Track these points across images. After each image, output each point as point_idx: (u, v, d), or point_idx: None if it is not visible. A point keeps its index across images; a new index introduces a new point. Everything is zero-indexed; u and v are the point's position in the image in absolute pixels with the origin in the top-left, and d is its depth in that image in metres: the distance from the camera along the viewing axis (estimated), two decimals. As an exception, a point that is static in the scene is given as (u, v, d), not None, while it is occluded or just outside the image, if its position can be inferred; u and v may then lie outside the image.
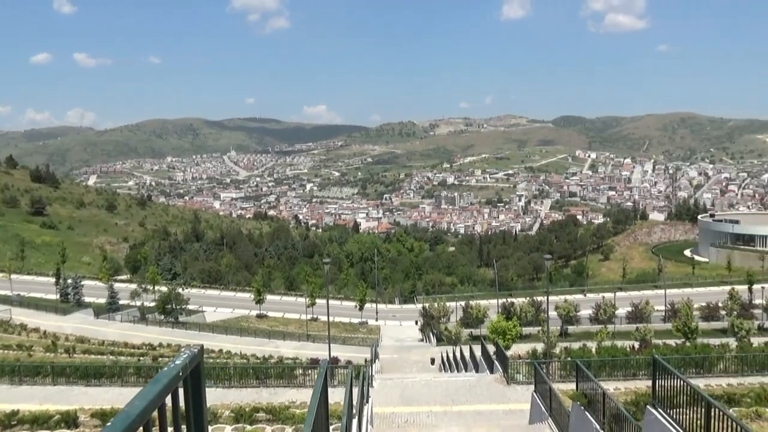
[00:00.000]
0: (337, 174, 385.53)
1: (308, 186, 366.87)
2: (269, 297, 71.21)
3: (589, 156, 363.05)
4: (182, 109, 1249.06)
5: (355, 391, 12.73)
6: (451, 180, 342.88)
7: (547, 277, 44.14)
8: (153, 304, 63.47)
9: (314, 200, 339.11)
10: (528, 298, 58.11)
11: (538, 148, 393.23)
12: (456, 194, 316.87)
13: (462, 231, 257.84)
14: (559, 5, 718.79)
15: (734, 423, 8.10)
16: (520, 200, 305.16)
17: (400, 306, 78.20)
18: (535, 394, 18.50)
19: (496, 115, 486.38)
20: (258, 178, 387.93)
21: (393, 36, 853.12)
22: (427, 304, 59.55)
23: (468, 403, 21.34)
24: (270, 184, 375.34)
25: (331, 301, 61.38)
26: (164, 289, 66.56)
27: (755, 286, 63.31)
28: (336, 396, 10.86)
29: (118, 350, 41.81)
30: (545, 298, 39.93)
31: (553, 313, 51.75)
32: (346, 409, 8.75)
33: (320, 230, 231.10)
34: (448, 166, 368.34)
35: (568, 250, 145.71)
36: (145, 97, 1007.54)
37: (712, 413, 8.45)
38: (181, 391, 1.99)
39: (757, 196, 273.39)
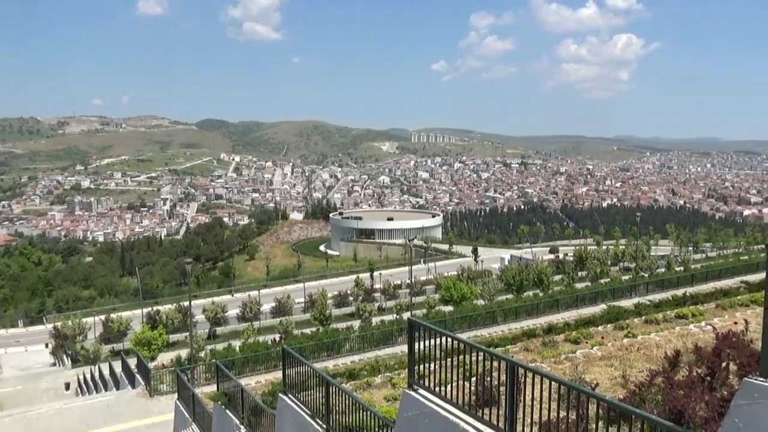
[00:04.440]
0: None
1: None
2: None
3: (233, 159, 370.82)
4: None
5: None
6: (86, 184, 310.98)
7: (190, 280, 43.60)
8: None
9: None
10: (175, 305, 56.65)
11: (182, 150, 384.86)
12: (93, 199, 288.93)
13: (101, 239, 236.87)
14: (199, 7, 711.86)
15: (347, 395, 9.28)
16: (165, 204, 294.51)
17: (26, 329, 67.89)
18: (178, 402, 18.15)
19: (136, 114, 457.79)
20: None
21: (7, 19, 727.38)
22: (59, 323, 53.08)
23: (107, 425, 19.74)
24: None
25: (-74, 334, 49.81)
26: None
27: (375, 273, 73.36)
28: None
29: None
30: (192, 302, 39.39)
31: (201, 317, 51.56)
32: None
33: None
34: (83, 168, 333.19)
35: (215, 252, 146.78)
36: None
37: (331, 390, 9.50)
38: None
39: (375, 195, 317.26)
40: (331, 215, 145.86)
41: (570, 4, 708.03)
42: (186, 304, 52.74)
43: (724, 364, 8.43)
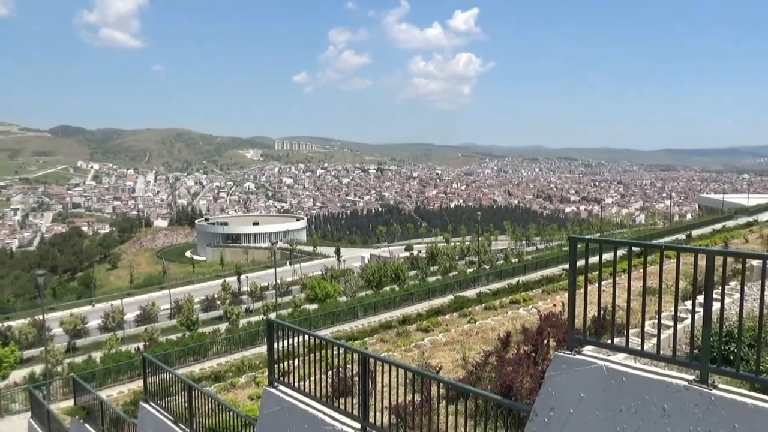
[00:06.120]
0: None
1: None
2: None
3: (92, 167, 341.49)
4: None
5: None
6: None
7: (43, 293, 39.62)
8: None
9: None
10: (29, 319, 51.13)
11: (34, 158, 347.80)
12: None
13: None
14: (49, 10, 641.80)
15: (209, 398, 8.93)
16: (15, 214, 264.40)
17: None
18: (32, 420, 16.38)
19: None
20: None
21: None
22: None
23: (-52, 452, 17.34)
24: None
25: None
26: None
27: (242, 276, 71.36)
28: None
29: None
30: (48, 315, 35.76)
31: (59, 330, 46.97)
32: None
33: None
34: None
35: (74, 263, 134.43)
36: None
37: (193, 394, 9.09)
38: None
39: (241, 201, 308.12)
40: (196, 221, 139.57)
41: (418, 25, 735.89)
42: (41, 317, 47.87)
43: (545, 341, 9.23)
